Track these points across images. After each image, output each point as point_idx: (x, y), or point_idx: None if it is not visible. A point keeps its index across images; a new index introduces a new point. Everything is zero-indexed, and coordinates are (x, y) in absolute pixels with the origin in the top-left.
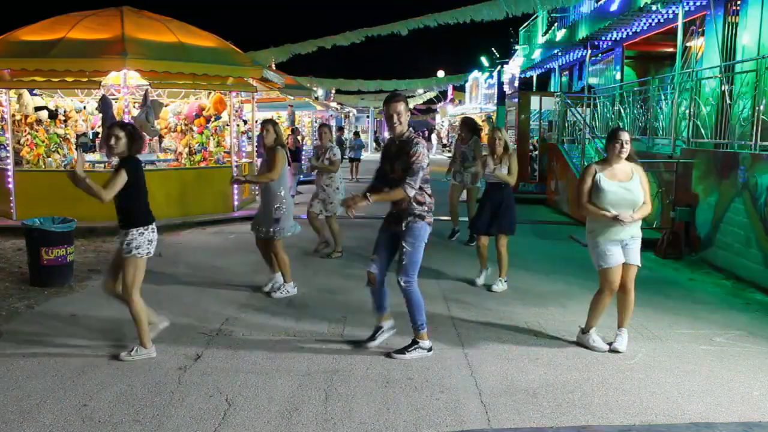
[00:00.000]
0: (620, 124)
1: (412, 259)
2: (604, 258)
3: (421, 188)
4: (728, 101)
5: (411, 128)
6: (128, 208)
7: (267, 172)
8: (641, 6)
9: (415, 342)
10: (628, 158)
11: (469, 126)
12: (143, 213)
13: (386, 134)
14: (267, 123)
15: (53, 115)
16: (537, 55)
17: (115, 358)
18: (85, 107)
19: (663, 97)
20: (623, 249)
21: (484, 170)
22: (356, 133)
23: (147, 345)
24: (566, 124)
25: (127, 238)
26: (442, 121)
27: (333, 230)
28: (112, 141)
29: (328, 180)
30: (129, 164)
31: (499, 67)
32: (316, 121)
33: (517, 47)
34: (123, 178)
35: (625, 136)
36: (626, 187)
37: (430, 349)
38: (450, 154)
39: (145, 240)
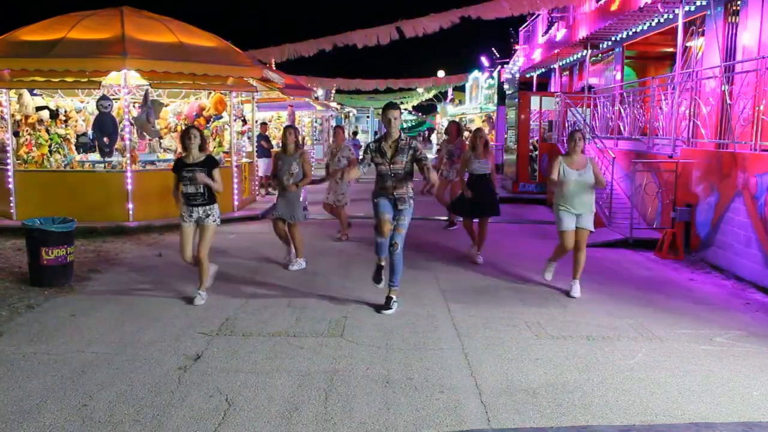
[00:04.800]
0: (620, 124)
1: (405, 234)
2: (561, 225)
3: (412, 177)
4: (728, 101)
5: (401, 133)
6: (211, 191)
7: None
8: (641, 6)
9: (390, 300)
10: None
11: (456, 128)
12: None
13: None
14: (291, 128)
15: (54, 114)
16: (537, 55)
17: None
18: (85, 107)
19: (663, 97)
20: (577, 218)
21: (470, 164)
22: (354, 133)
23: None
24: (566, 124)
25: (211, 211)
26: (442, 121)
27: (342, 217)
28: (191, 140)
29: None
30: (215, 159)
31: (499, 67)
32: (316, 121)
33: (517, 47)
34: (218, 171)
35: (578, 136)
36: (581, 174)
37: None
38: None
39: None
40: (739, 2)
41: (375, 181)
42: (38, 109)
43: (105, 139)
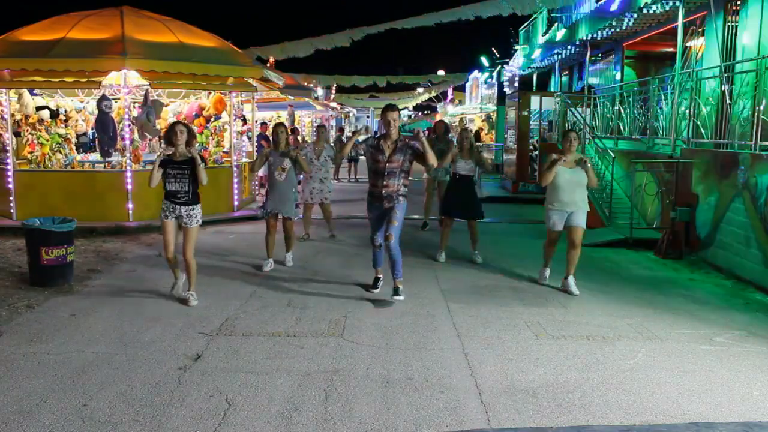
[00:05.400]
0: (620, 124)
1: (400, 226)
2: (549, 223)
3: (407, 175)
4: (728, 101)
5: (400, 134)
6: (195, 190)
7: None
8: (641, 6)
9: (397, 288)
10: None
11: (443, 127)
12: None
13: None
14: (281, 126)
15: (54, 114)
16: (537, 55)
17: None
18: (85, 107)
19: (663, 97)
20: (568, 216)
21: (455, 164)
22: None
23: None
24: (566, 124)
25: (194, 212)
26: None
27: (329, 213)
28: (178, 135)
29: (325, 174)
30: (201, 157)
31: (499, 67)
32: (316, 121)
33: (517, 47)
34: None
35: (573, 135)
36: (573, 173)
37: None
38: None
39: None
40: (739, 2)
41: (369, 179)
42: (38, 108)
43: (106, 139)
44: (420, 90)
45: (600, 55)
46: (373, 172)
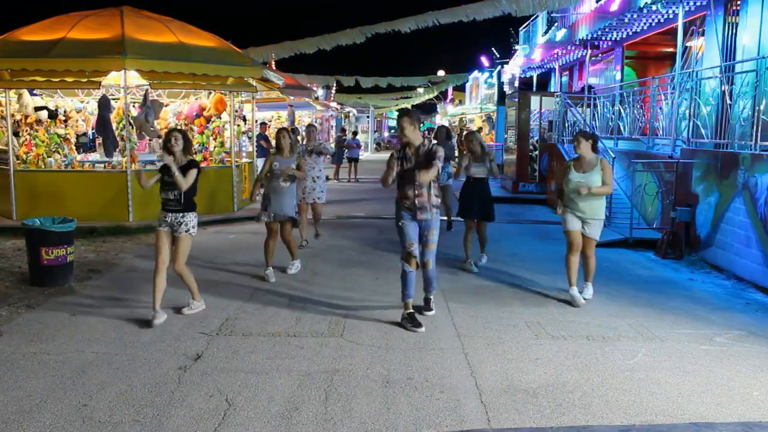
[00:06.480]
0: (620, 124)
1: (436, 249)
2: (566, 224)
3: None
4: (728, 101)
5: (426, 138)
6: (188, 197)
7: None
8: (641, 6)
9: (429, 300)
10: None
11: (444, 132)
12: (194, 202)
13: (386, 134)
14: (284, 131)
15: (53, 115)
16: (537, 55)
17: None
18: (85, 107)
19: (663, 97)
20: (583, 225)
21: (469, 168)
22: (354, 133)
23: (198, 299)
24: (566, 124)
25: (185, 219)
26: (442, 121)
27: (318, 214)
28: (172, 142)
29: (318, 172)
30: (197, 163)
31: (499, 67)
32: (315, 121)
33: (517, 47)
34: (195, 174)
35: (580, 138)
36: (586, 177)
37: None
38: None
39: (197, 222)
40: (739, 2)
41: (397, 190)
42: (37, 109)
43: (111, 138)
44: (420, 90)
45: (600, 55)
46: (401, 182)
